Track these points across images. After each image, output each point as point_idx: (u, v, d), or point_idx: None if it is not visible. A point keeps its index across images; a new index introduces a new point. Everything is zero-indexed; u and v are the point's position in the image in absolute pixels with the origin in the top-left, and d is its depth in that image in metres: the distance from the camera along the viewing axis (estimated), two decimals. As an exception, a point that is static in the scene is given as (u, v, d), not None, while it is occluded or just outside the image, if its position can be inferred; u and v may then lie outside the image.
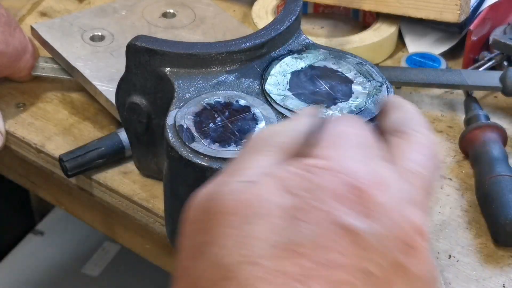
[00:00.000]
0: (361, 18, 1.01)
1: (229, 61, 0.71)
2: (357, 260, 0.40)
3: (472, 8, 0.95)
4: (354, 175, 0.42)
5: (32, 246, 1.43)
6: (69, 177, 0.80)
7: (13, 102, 0.90)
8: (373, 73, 0.71)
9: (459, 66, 0.95)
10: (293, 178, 0.42)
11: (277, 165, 0.43)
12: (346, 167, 0.42)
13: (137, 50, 0.70)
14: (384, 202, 0.42)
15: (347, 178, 0.42)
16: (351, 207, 0.41)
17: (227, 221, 0.42)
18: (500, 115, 0.89)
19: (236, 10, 1.03)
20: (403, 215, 0.42)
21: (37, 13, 1.02)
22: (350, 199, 0.41)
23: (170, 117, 0.66)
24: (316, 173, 0.42)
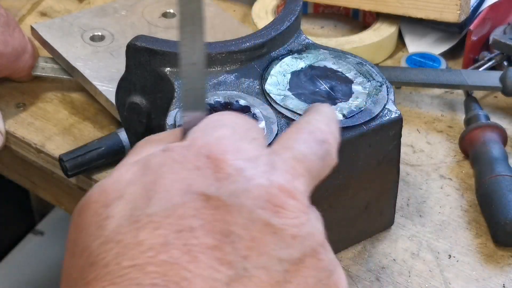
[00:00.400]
0: (361, 18, 1.01)
1: (229, 61, 0.71)
2: (214, 222, 0.40)
3: (472, 8, 0.95)
4: (210, 147, 0.43)
5: (32, 246, 1.43)
6: (69, 177, 0.80)
7: (13, 102, 0.90)
8: (373, 73, 0.71)
9: (459, 66, 0.95)
10: (153, 158, 0.43)
11: (146, 153, 0.45)
12: (204, 142, 0.43)
13: (137, 50, 0.70)
14: (239, 166, 0.42)
15: (202, 150, 0.43)
16: (204, 175, 0.42)
17: (90, 210, 0.43)
18: (500, 115, 0.89)
19: (236, 10, 1.03)
20: (265, 177, 0.42)
21: (37, 13, 1.02)
22: (203, 168, 0.42)
23: (170, 117, 0.66)
24: (175, 150, 0.43)
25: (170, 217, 0.41)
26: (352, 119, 0.67)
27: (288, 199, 0.42)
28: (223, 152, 0.43)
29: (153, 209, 0.41)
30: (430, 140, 0.85)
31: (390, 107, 0.69)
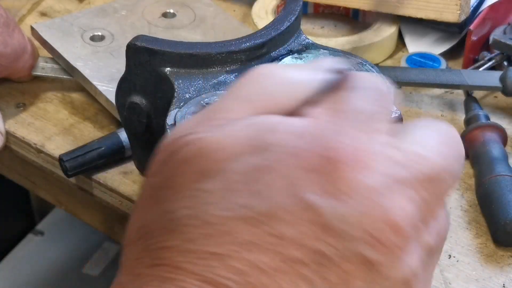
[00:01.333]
0: (361, 18, 1.01)
1: (229, 61, 0.71)
2: (313, 240, 0.37)
3: (472, 8, 0.95)
4: (333, 144, 0.37)
5: (32, 246, 1.43)
6: (69, 177, 0.80)
7: (13, 102, 0.90)
8: (373, 73, 0.71)
9: (459, 66, 0.95)
10: (271, 135, 0.38)
11: (256, 117, 0.39)
12: (328, 134, 0.38)
13: (137, 50, 0.70)
14: (359, 183, 0.37)
15: (322, 147, 0.37)
16: (319, 181, 0.37)
17: (184, 171, 0.39)
18: (500, 115, 0.89)
19: (236, 10, 1.03)
20: (378, 203, 0.37)
21: (37, 13, 1.02)
22: (320, 172, 0.37)
23: (170, 117, 0.66)
24: (291, 132, 0.38)
25: (266, 216, 0.37)
26: (352, 119, 0.67)
27: (394, 237, 0.37)
28: (347, 160, 0.37)
29: (250, 202, 0.37)
30: (430, 140, 0.85)
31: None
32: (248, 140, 0.38)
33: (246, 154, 0.38)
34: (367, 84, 0.41)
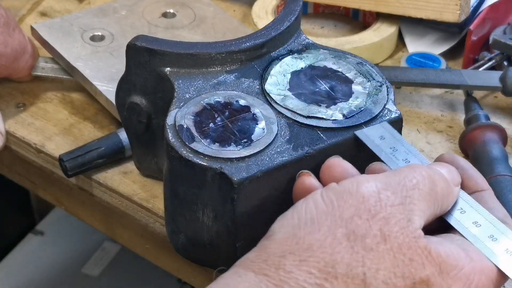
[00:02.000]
0: (361, 18, 1.01)
1: (229, 61, 0.71)
2: None
3: (472, 8, 0.95)
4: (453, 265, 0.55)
5: (32, 246, 1.43)
6: (69, 177, 0.80)
7: (13, 102, 0.90)
8: (373, 73, 0.71)
9: (459, 66, 0.95)
10: (377, 232, 0.55)
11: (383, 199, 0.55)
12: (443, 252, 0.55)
13: (137, 50, 0.70)
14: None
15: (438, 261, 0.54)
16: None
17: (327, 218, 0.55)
18: (500, 115, 0.89)
19: (236, 10, 1.03)
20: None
21: (37, 13, 1.02)
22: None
23: (170, 117, 0.66)
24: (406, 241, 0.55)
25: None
26: (352, 119, 0.67)
27: None
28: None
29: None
30: (430, 140, 0.85)
31: (390, 107, 0.69)
32: (368, 219, 0.55)
33: (363, 230, 0.54)
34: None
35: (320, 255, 0.52)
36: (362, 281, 0.52)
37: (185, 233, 0.69)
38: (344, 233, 0.53)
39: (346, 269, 0.52)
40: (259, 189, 0.64)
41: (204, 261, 0.70)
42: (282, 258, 0.52)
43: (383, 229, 0.53)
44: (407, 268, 0.53)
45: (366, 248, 0.52)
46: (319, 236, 0.53)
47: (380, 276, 0.52)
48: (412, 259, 0.53)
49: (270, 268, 0.52)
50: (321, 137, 0.66)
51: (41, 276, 1.39)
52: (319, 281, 0.51)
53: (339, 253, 0.52)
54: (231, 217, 0.64)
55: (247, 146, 0.64)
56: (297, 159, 0.64)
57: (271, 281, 0.51)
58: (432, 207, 0.56)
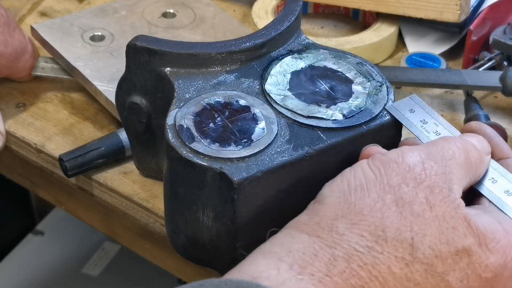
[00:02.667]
0: (361, 18, 1.01)
1: (229, 61, 0.71)
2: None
3: (472, 8, 0.95)
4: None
5: (32, 246, 1.43)
6: (69, 177, 0.80)
7: (13, 102, 0.90)
8: (373, 73, 0.71)
9: (459, 66, 0.95)
10: (424, 202, 0.57)
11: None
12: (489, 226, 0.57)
13: (137, 50, 0.70)
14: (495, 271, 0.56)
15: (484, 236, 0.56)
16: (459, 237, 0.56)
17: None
18: (500, 115, 0.89)
19: (236, 10, 1.03)
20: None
21: (37, 13, 1.02)
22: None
23: (170, 117, 0.66)
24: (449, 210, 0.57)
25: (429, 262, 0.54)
26: (352, 119, 0.67)
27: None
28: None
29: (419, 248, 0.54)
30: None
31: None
32: (417, 187, 0.57)
33: (409, 199, 0.57)
34: None
35: (371, 219, 0.55)
36: (410, 245, 0.54)
37: (185, 233, 0.69)
38: (392, 199, 0.55)
39: (395, 233, 0.54)
40: (259, 189, 0.64)
41: (204, 261, 0.70)
42: (334, 221, 0.55)
43: (428, 197, 0.56)
44: (450, 235, 0.55)
45: (413, 214, 0.55)
46: (369, 201, 0.55)
47: (427, 241, 0.54)
48: (455, 227, 0.55)
49: (323, 230, 0.55)
50: (321, 137, 0.66)
51: (41, 276, 1.39)
52: (370, 244, 0.54)
53: (388, 217, 0.55)
54: (231, 217, 0.64)
55: (247, 146, 0.64)
56: (297, 159, 0.64)
57: (324, 242, 0.54)
58: (468, 177, 0.59)
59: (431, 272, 0.54)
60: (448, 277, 0.55)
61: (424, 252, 0.54)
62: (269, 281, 0.51)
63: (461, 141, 0.60)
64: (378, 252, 0.54)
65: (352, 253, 0.53)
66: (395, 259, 0.54)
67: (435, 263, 0.54)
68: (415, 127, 0.65)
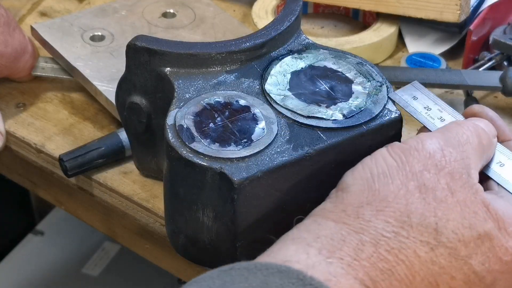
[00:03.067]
0: (361, 18, 1.01)
1: (229, 61, 0.71)
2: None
3: (472, 8, 0.95)
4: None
5: (32, 246, 1.43)
6: (69, 177, 0.80)
7: (13, 102, 0.90)
8: (373, 73, 0.71)
9: (459, 66, 0.95)
10: (445, 189, 0.58)
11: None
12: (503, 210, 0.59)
13: (137, 50, 0.70)
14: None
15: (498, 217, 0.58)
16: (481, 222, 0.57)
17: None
18: (500, 115, 0.88)
19: (236, 10, 1.03)
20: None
21: (37, 13, 1.02)
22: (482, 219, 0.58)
23: (170, 117, 0.66)
24: (469, 193, 0.58)
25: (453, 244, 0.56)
26: (352, 119, 0.67)
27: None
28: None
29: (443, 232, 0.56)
30: (430, 140, 0.85)
31: (390, 107, 0.69)
32: (437, 174, 0.58)
33: (432, 185, 0.58)
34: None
35: (396, 205, 0.56)
36: (434, 229, 0.56)
37: (185, 233, 0.69)
38: (415, 186, 0.57)
39: (420, 218, 0.56)
40: (259, 189, 0.64)
41: (204, 261, 0.70)
42: (360, 208, 0.56)
43: (449, 183, 0.57)
44: (472, 220, 0.56)
45: (436, 200, 0.56)
46: (393, 188, 0.57)
47: (450, 226, 0.56)
48: (476, 212, 0.57)
49: (350, 217, 0.56)
50: (321, 137, 0.66)
51: (41, 276, 1.39)
52: (396, 229, 0.55)
53: (412, 204, 0.56)
54: (231, 217, 0.64)
55: (247, 146, 0.64)
56: (297, 159, 0.64)
57: (351, 228, 0.56)
58: (481, 160, 0.61)
59: (454, 256, 0.56)
60: (471, 260, 0.56)
61: (448, 236, 0.56)
62: (299, 264, 0.53)
63: (472, 125, 0.62)
64: (404, 237, 0.55)
65: (379, 238, 0.55)
66: (420, 243, 0.55)
67: (459, 247, 0.56)
68: (420, 114, 0.67)
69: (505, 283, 0.58)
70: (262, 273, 0.51)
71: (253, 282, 0.51)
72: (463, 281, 0.56)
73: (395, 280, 0.54)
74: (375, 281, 0.54)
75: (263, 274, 0.51)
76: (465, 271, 0.56)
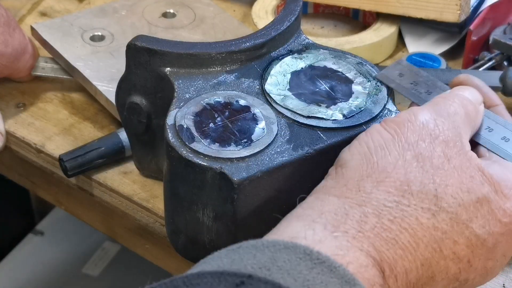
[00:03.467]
0: (361, 18, 1.01)
1: (229, 61, 0.71)
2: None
3: (472, 8, 0.95)
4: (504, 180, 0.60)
5: (32, 246, 1.43)
6: (69, 177, 0.80)
7: (13, 102, 0.90)
8: (373, 73, 0.71)
9: (459, 66, 0.95)
10: (443, 154, 0.59)
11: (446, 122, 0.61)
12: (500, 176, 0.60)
13: (137, 50, 0.70)
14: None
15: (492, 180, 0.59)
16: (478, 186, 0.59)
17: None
18: (500, 115, 0.88)
19: (236, 10, 1.03)
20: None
21: (37, 13, 1.02)
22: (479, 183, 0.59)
23: (170, 117, 0.66)
24: (464, 158, 0.60)
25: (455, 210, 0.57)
26: (352, 119, 0.67)
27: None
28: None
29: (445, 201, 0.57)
30: (430, 140, 0.85)
31: (390, 107, 0.69)
32: (432, 144, 0.60)
33: (428, 153, 0.59)
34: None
35: (395, 175, 0.58)
36: (434, 196, 0.57)
37: (185, 233, 0.69)
38: (412, 155, 0.58)
39: (419, 186, 0.57)
40: (259, 189, 0.64)
41: (204, 261, 0.70)
42: (360, 182, 0.58)
43: (445, 150, 0.59)
44: (470, 184, 0.58)
45: (434, 167, 0.58)
46: (391, 159, 0.58)
47: (449, 191, 0.57)
48: (473, 176, 0.58)
49: (351, 191, 0.57)
50: (321, 137, 0.66)
51: (41, 276, 1.39)
52: (397, 199, 0.57)
53: (411, 172, 0.58)
54: (231, 217, 0.64)
55: (247, 146, 0.64)
56: (297, 159, 0.64)
57: (353, 201, 0.57)
58: (470, 129, 0.62)
59: (456, 220, 0.57)
60: (472, 224, 0.58)
61: (448, 201, 0.57)
62: (306, 240, 0.54)
63: (457, 96, 0.63)
64: (406, 206, 0.56)
65: (381, 209, 0.56)
66: (421, 210, 0.57)
67: (459, 212, 0.57)
68: (407, 90, 0.68)
69: (505, 245, 0.60)
70: (270, 250, 0.52)
71: (261, 258, 0.51)
72: (466, 245, 0.58)
73: (399, 248, 0.56)
74: (380, 251, 0.55)
75: (270, 251, 0.52)
76: (467, 235, 0.58)
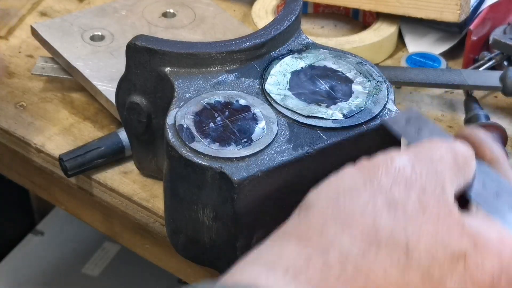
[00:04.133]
0: (361, 18, 1.01)
1: (229, 61, 0.71)
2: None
3: (472, 8, 0.95)
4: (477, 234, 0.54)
5: (32, 246, 1.43)
6: (69, 177, 0.80)
7: (13, 102, 0.90)
8: (373, 72, 0.71)
9: (459, 66, 0.95)
10: (418, 202, 0.54)
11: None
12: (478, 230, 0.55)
13: (137, 50, 0.70)
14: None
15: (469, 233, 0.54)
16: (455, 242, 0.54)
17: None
18: (500, 115, 0.88)
19: (236, 10, 1.03)
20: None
21: (37, 13, 1.02)
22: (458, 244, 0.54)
23: (170, 117, 0.66)
24: (442, 215, 0.55)
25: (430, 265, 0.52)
26: (352, 119, 0.67)
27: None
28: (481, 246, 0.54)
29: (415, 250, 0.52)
30: (430, 140, 0.85)
31: (390, 107, 0.69)
32: (406, 193, 0.55)
33: (400, 200, 0.54)
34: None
35: (363, 221, 0.52)
36: (405, 247, 0.52)
37: (185, 233, 0.69)
38: (384, 201, 0.53)
39: (389, 235, 0.52)
40: (259, 189, 0.64)
41: (204, 261, 0.70)
42: (324, 226, 0.53)
43: (421, 198, 0.53)
44: (446, 238, 0.53)
45: (407, 215, 0.53)
46: (360, 203, 0.53)
47: (422, 242, 0.52)
48: (450, 229, 0.53)
49: (314, 235, 0.52)
50: (321, 137, 0.66)
51: (41, 276, 1.39)
52: (364, 246, 0.51)
53: (381, 219, 0.52)
54: (231, 217, 0.64)
55: (247, 145, 0.64)
56: (297, 159, 0.64)
57: (316, 247, 0.52)
58: (458, 177, 0.57)
59: (428, 277, 0.52)
60: (446, 282, 0.53)
61: (420, 254, 0.52)
62: (267, 286, 0.50)
63: (447, 143, 0.58)
64: (373, 254, 0.51)
65: (345, 257, 0.51)
66: (390, 262, 0.51)
67: (432, 267, 0.52)
68: (409, 136, 0.62)
69: None
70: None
71: None
72: None
73: None
74: None
75: None
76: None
